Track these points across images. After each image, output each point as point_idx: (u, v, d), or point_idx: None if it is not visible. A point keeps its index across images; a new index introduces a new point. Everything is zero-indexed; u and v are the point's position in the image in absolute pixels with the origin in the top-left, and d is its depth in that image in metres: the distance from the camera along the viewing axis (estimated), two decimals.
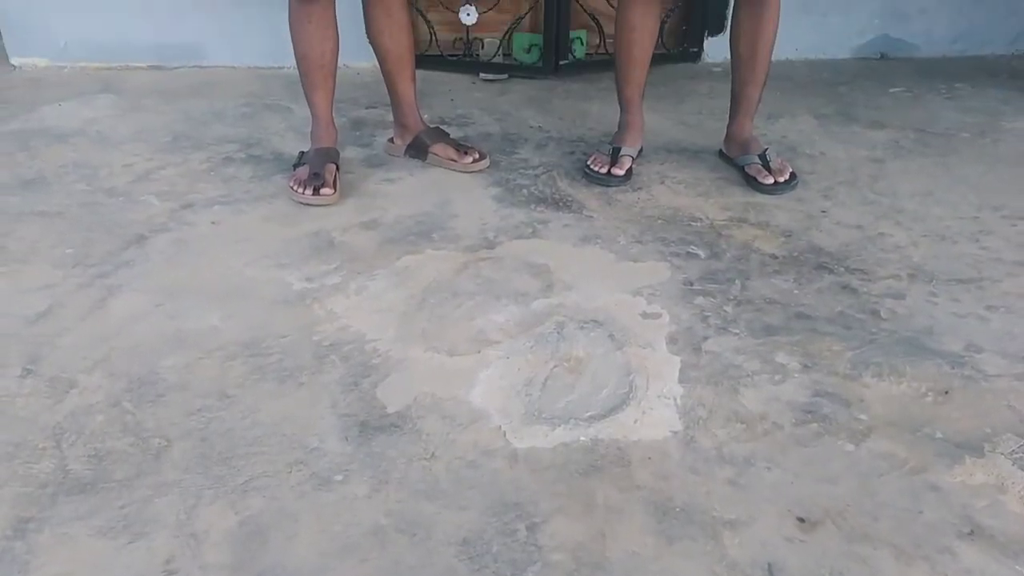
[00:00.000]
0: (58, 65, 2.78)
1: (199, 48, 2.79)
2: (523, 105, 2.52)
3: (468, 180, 1.98)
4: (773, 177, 1.91)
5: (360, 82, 2.67)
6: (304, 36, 1.83)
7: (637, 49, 1.93)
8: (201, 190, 1.91)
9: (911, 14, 2.97)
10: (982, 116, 2.43)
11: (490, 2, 2.76)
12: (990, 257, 1.63)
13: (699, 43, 2.93)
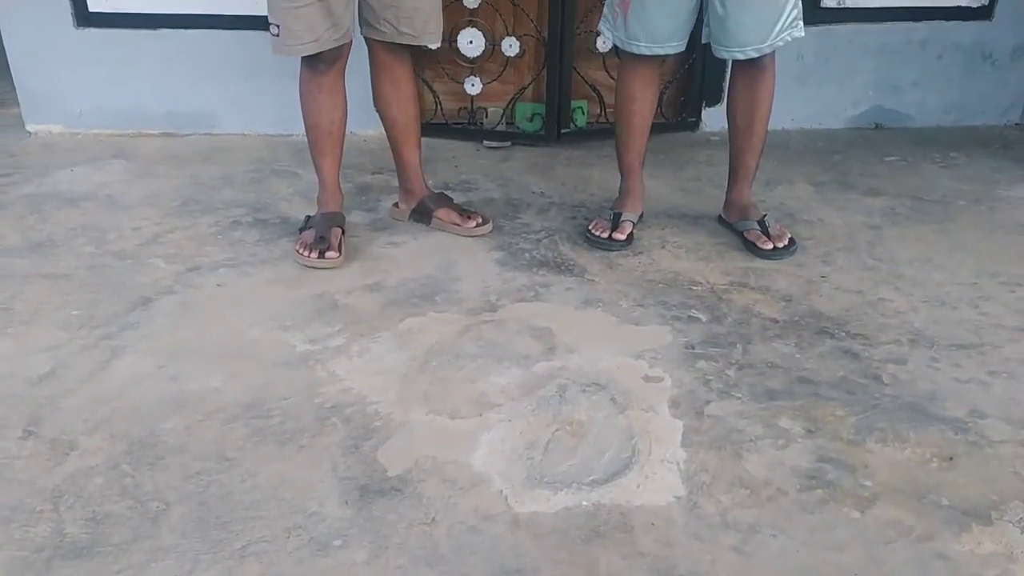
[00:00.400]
0: (72, 132, 2.85)
1: (211, 116, 2.87)
2: (526, 171, 2.58)
3: (471, 244, 2.01)
4: (772, 243, 1.94)
5: (367, 149, 2.73)
6: (315, 105, 1.89)
7: (637, 119, 1.98)
8: (208, 253, 1.94)
9: (904, 86, 3.05)
10: (977, 184, 2.47)
11: (494, 73, 2.85)
12: (990, 323, 1.64)
13: (697, 113, 3.00)
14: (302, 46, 1.77)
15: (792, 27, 1.83)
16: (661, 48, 1.87)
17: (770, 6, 1.78)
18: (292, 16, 1.74)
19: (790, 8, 1.80)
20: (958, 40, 3.01)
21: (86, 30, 2.75)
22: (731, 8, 1.77)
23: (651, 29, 1.84)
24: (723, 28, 1.81)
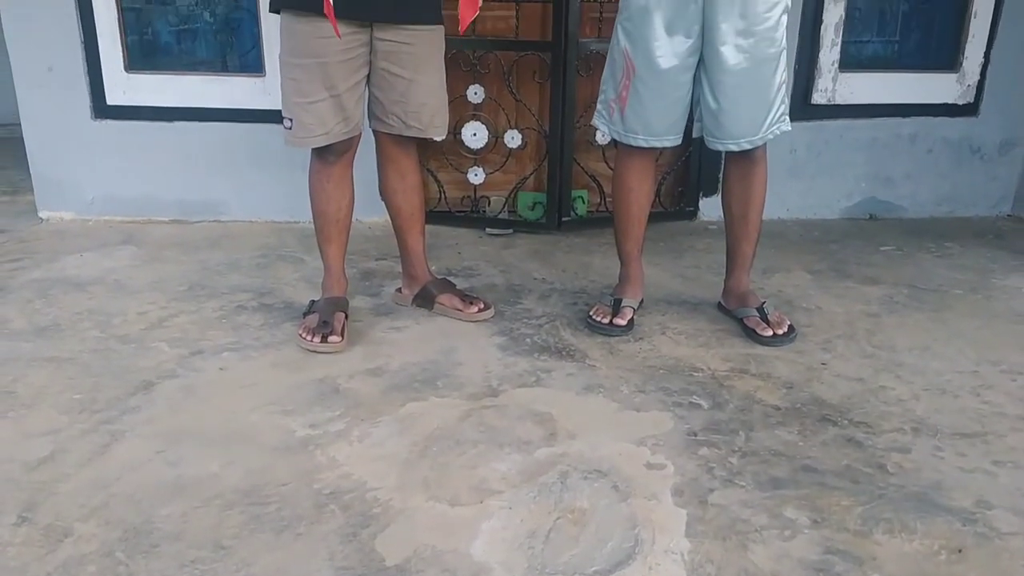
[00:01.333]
0: (84, 218, 2.92)
1: (221, 204, 2.94)
2: (527, 258, 2.62)
3: (473, 329, 2.03)
4: (772, 329, 1.95)
5: (371, 235, 2.79)
6: (323, 194, 1.94)
7: (635, 208, 2.04)
8: (212, 337, 1.95)
9: (896, 178, 3.13)
10: (973, 274, 2.50)
11: (497, 163, 2.93)
12: (993, 411, 1.63)
13: (694, 202, 3.07)
14: (313, 138, 1.84)
15: (780, 121, 1.91)
16: (659, 141, 1.93)
17: (760, 101, 1.86)
18: (305, 111, 1.81)
19: (778, 104, 1.88)
20: (946, 135, 3.11)
21: (103, 122, 2.86)
22: (723, 103, 1.85)
23: (648, 123, 1.91)
24: (716, 122, 1.88)
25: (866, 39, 3.24)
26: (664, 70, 1.84)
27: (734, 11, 1.76)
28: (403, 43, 1.84)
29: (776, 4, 1.79)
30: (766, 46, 1.80)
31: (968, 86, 3.06)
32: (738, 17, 1.77)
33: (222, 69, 3.00)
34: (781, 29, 1.82)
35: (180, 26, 3.08)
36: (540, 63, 2.80)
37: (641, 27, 1.83)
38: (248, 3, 2.85)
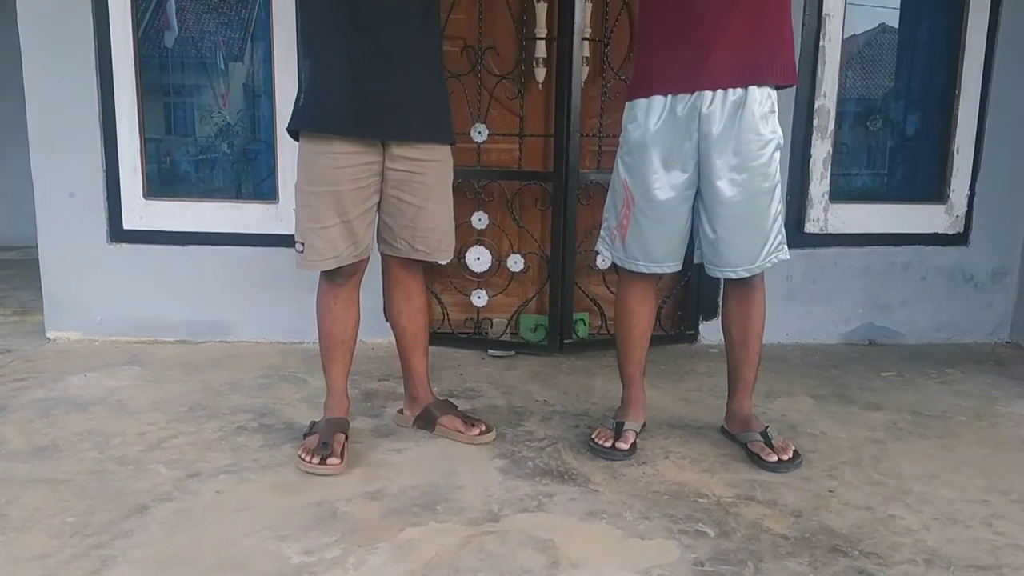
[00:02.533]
0: (91, 339, 2.95)
1: (227, 325, 2.98)
2: (529, 380, 2.62)
3: (474, 452, 2.01)
4: (776, 455, 1.93)
5: (375, 356, 2.81)
6: (330, 316, 1.98)
7: (636, 331, 2.07)
8: (210, 459, 1.93)
9: (892, 305, 3.18)
10: (975, 400, 2.50)
11: (500, 287, 3.00)
12: (1007, 543, 1.59)
13: (695, 326, 3.11)
14: (324, 261, 1.90)
15: (778, 250, 1.96)
16: (659, 267, 1.99)
17: (757, 231, 1.92)
18: (317, 235, 1.88)
19: (775, 234, 1.95)
20: (939, 263, 3.18)
21: (118, 245, 2.94)
22: (721, 233, 1.91)
23: (648, 251, 1.97)
24: (715, 250, 1.94)
25: (855, 172, 3.39)
26: (662, 201, 1.92)
27: (728, 148, 1.86)
28: (414, 172, 1.93)
29: (768, 142, 1.88)
30: (760, 180, 1.88)
31: (956, 217, 3.16)
32: (732, 154, 1.86)
33: (237, 196, 3.12)
34: (774, 165, 1.90)
35: (199, 156, 3.24)
36: (542, 192, 2.92)
37: (640, 161, 1.93)
38: (266, 135, 3.01)
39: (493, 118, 2.89)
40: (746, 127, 1.84)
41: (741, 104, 1.84)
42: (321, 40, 1.87)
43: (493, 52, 2.87)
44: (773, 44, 1.86)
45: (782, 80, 1.89)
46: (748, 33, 1.82)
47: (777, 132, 1.89)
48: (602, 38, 2.87)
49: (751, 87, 1.84)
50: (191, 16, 3.18)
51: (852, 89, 3.30)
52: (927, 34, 3.30)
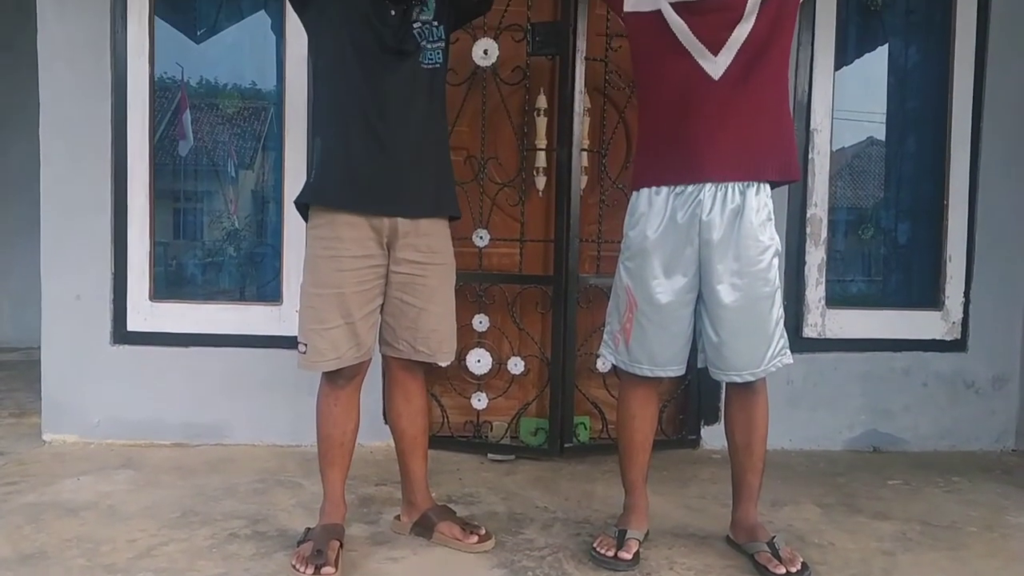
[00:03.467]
0: (86, 441, 2.92)
1: (224, 427, 2.95)
2: (530, 486, 2.57)
3: (472, 561, 1.95)
4: (784, 567, 1.87)
5: (373, 460, 2.77)
6: (330, 418, 1.98)
7: (638, 435, 2.05)
8: (201, 568, 1.88)
9: (895, 411, 3.16)
10: (985, 510, 2.45)
11: (500, 389, 2.99)
12: None
13: (697, 431, 3.08)
14: (326, 362, 1.91)
15: (782, 354, 1.97)
16: (663, 371, 2.00)
17: (760, 335, 1.94)
18: (320, 336, 1.90)
19: (778, 338, 1.96)
20: (939, 369, 3.18)
21: (121, 347, 2.95)
22: (725, 337, 1.93)
23: (652, 354, 1.98)
24: (719, 354, 1.95)
25: (850, 278, 3.45)
26: (664, 305, 1.94)
27: (728, 255, 1.89)
28: (417, 275, 1.97)
29: (767, 248, 1.92)
30: (760, 285, 1.91)
31: (953, 323, 3.19)
32: (732, 259, 1.89)
33: (240, 298, 3.17)
34: (773, 271, 1.93)
35: (206, 259, 3.31)
36: (542, 295, 2.96)
37: (642, 267, 1.96)
38: (273, 239, 3.08)
39: (495, 223, 2.97)
40: (745, 233, 1.89)
41: (739, 211, 1.89)
42: (332, 119, 1.95)
43: (495, 161, 2.98)
44: (772, 141, 1.93)
45: (781, 177, 1.96)
46: (747, 130, 1.89)
47: (775, 239, 1.94)
48: (599, 149, 2.98)
49: (748, 194, 1.89)
50: (205, 127, 3.33)
51: (843, 199, 3.40)
52: (914, 147, 3.42)
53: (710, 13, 1.87)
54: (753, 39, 1.87)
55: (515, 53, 2.90)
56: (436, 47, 1.96)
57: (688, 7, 1.89)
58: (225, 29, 3.19)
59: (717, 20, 1.87)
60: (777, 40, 1.90)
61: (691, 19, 1.88)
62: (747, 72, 1.87)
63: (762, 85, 1.90)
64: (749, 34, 1.86)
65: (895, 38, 3.36)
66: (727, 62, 1.87)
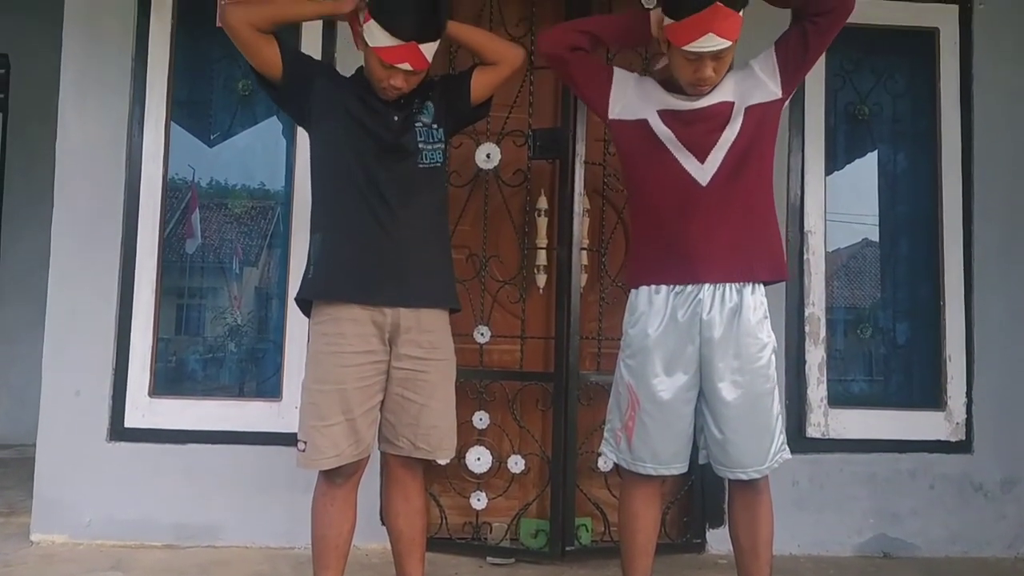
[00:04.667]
0: (75, 542, 2.83)
1: (216, 528, 2.87)
2: None
3: None
4: None
5: (368, 563, 2.68)
6: (325, 518, 1.94)
7: (641, 536, 2.00)
8: None
9: (903, 515, 3.08)
10: None
11: (500, 488, 2.93)
12: None
13: (701, 534, 3.00)
14: (325, 460, 1.90)
15: (782, 450, 1.98)
16: (666, 469, 1.98)
17: (763, 431, 1.93)
18: (320, 433, 1.89)
19: (779, 433, 1.96)
20: (945, 471, 3.12)
21: (117, 444, 2.91)
22: (729, 434, 1.92)
23: (655, 452, 1.96)
24: (724, 451, 1.93)
25: (851, 378, 3.44)
26: (666, 402, 1.94)
27: (728, 352, 1.91)
28: (418, 371, 1.98)
29: (765, 346, 1.95)
30: (762, 382, 1.93)
31: (957, 424, 3.15)
32: (732, 357, 1.91)
33: (239, 394, 3.15)
34: (772, 367, 1.96)
35: (207, 355, 3.31)
36: (543, 392, 2.95)
37: (643, 365, 1.97)
38: (275, 335, 3.09)
39: (496, 320, 3.00)
40: (744, 331, 1.92)
41: (737, 310, 1.92)
42: (332, 214, 1.99)
43: (497, 259, 3.04)
44: (761, 243, 1.98)
45: (772, 277, 2.00)
46: (737, 234, 1.94)
47: (772, 336, 1.97)
48: (599, 248, 3.05)
49: (745, 293, 1.93)
50: (214, 225, 3.41)
51: (841, 298, 3.44)
52: (907, 248, 3.49)
53: (698, 122, 1.96)
54: (738, 145, 1.94)
55: (517, 157, 3.00)
56: (435, 148, 2.04)
57: (676, 115, 1.97)
58: (238, 134, 3.31)
59: (704, 128, 1.95)
60: (761, 145, 1.99)
61: (678, 127, 1.96)
62: (734, 177, 1.94)
63: (749, 189, 1.97)
64: (734, 140, 1.94)
65: (883, 144, 3.48)
66: (714, 168, 1.94)
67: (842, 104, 3.34)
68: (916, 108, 3.40)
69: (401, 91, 1.97)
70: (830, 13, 1.92)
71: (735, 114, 1.94)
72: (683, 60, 1.90)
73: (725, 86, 1.97)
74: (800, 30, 1.96)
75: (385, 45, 1.88)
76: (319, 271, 1.99)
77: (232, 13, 1.95)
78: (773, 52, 1.99)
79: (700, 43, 1.83)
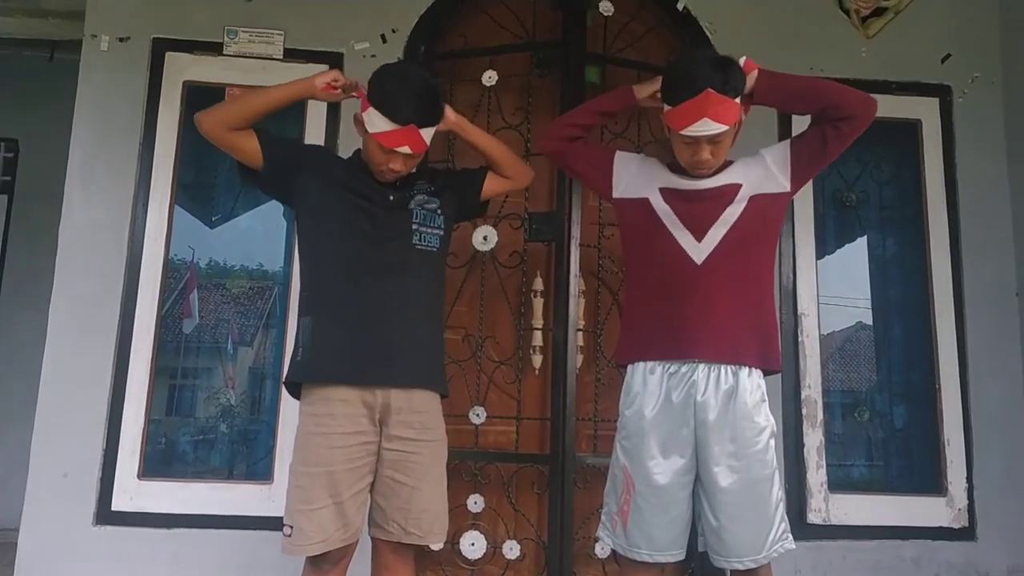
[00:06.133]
0: None
1: None
2: None
3: None
4: None
5: None
6: None
7: None
8: None
9: None
10: None
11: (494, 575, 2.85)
12: None
13: None
14: (311, 546, 1.85)
15: (783, 539, 1.91)
16: (662, 556, 1.92)
17: (760, 519, 1.89)
18: (307, 518, 1.86)
19: (778, 521, 1.91)
20: (950, 559, 3.05)
21: (102, 528, 2.83)
22: (724, 521, 1.88)
23: (651, 538, 1.92)
24: (719, 539, 1.89)
25: (850, 462, 3.40)
26: (663, 487, 1.91)
27: (724, 435, 1.89)
28: (409, 452, 1.96)
29: (763, 429, 1.92)
30: (759, 467, 1.90)
31: (959, 510, 3.09)
32: (728, 441, 1.89)
33: (229, 476, 3.10)
34: (771, 452, 1.93)
35: (198, 436, 3.27)
36: (539, 475, 2.91)
37: (638, 447, 1.94)
38: (268, 416, 3.06)
39: (491, 401, 2.98)
40: (740, 414, 1.90)
41: (733, 392, 1.91)
42: (321, 295, 2.00)
43: (492, 340, 3.04)
44: (753, 330, 1.98)
45: (762, 365, 1.98)
46: (727, 318, 1.94)
47: (771, 420, 1.95)
48: (594, 329, 3.06)
49: (741, 375, 1.92)
50: (211, 305, 3.43)
51: (836, 381, 3.43)
52: (901, 331, 3.50)
53: (701, 200, 2.00)
54: (738, 227, 1.97)
55: (513, 239, 3.05)
56: (434, 232, 2.07)
57: (679, 194, 2.02)
58: (239, 215, 3.37)
59: (706, 206, 1.99)
60: (762, 233, 2.01)
61: (679, 204, 2.00)
62: (730, 258, 1.96)
63: (745, 273, 1.98)
64: (734, 223, 1.97)
65: (872, 230, 3.55)
66: (711, 247, 1.96)
67: (830, 191, 3.43)
68: (903, 195, 3.49)
69: (399, 174, 2.02)
70: (852, 119, 1.95)
71: (740, 198, 1.98)
72: (681, 144, 1.96)
73: (734, 170, 2.02)
74: (820, 132, 1.99)
75: (384, 130, 1.95)
76: (307, 354, 1.98)
77: (205, 120, 2.03)
78: (788, 147, 2.04)
79: (695, 128, 1.89)
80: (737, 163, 2.04)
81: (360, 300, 1.96)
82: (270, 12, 3.16)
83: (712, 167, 1.98)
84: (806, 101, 2.04)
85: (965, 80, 3.39)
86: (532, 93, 3.12)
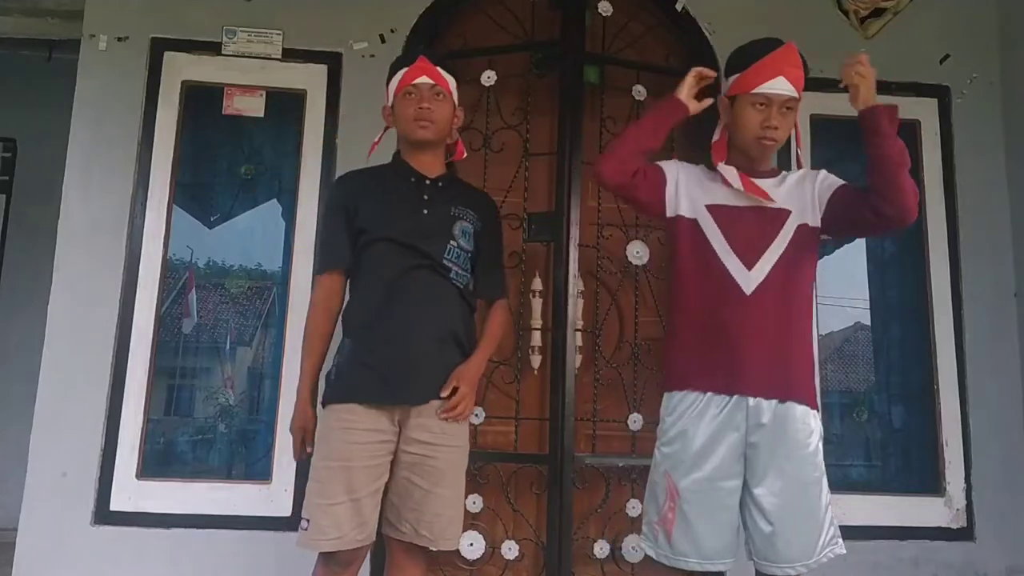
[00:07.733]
0: None
1: None
2: None
3: None
4: None
5: None
6: None
7: None
8: None
9: None
10: None
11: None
12: None
13: None
14: (327, 541, 1.86)
15: (833, 543, 1.87)
16: (712, 564, 1.85)
17: (812, 522, 1.84)
18: (323, 512, 1.86)
19: (828, 525, 1.87)
20: (948, 560, 3.05)
21: (101, 528, 2.83)
22: (778, 526, 1.81)
23: (699, 545, 1.84)
24: (771, 546, 1.83)
25: (848, 463, 3.40)
26: (708, 490, 1.84)
27: (776, 438, 1.84)
28: (427, 456, 1.96)
29: (813, 431, 1.88)
30: (810, 470, 1.85)
31: (957, 511, 3.10)
32: (780, 444, 1.84)
33: (228, 476, 3.10)
34: (820, 455, 1.88)
35: (196, 436, 3.27)
36: (537, 475, 2.90)
37: (681, 452, 1.87)
38: (267, 415, 3.06)
39: (490, 401, 2.98)
40: (792, 415, 1.85)
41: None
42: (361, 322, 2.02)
43: None
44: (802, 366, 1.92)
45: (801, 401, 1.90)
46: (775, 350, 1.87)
47: (819, 424, 1.91)
48: (593, 329, 3.06)
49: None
50: (209, 305, 3.42)
51: (835, 382, 3.44)
52: (899, 332, 3.51)
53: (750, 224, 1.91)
54: (785, 259, 1.89)
55: (512, 239, 3.04)
56: (464, 273, 2.11)
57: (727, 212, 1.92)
58: (238, 215, 3.37)
59: (756, 233, 1.91)
60: (805, 264, 1.95)
61: (729, 227, 1.91)
62: (779, 290, 1.89)
63: (791, 304, 1.91)
64: (782, 254, 1.89)
65: None
66: (761, 277, 1.88)
67: None
68: None
69: (432, 119, 2.06)
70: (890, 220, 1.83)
71: (788, 227, 1.91)
72: (750, 110, 1.87)
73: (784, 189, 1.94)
74: (863, 204, 1.86)
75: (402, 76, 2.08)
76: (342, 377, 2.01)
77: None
78: (834, 189, 1.93)
79: (771, 84, 1.82)
80: (789, 178, 1.97)
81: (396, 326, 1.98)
82: (269, 12, 3.16)
83: (779, 142, 1.90)
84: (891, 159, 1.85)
85: (964, 81, 3.40)
86: (531, 93, 3.12)
